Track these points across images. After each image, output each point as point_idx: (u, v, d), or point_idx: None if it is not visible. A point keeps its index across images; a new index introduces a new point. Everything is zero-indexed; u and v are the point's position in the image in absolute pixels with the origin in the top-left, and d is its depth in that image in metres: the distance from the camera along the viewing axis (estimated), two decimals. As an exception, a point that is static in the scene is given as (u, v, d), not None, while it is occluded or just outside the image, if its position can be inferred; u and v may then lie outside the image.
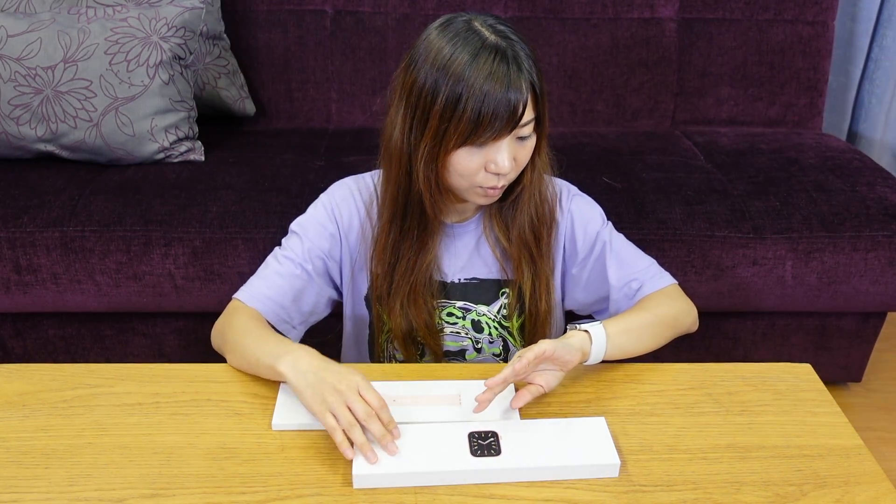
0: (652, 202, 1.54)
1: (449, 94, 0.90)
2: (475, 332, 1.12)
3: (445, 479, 0.80)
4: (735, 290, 1.53)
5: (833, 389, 1.58)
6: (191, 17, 1.64)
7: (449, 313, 1.12)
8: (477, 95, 0.89)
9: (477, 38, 0.91)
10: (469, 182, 0.97)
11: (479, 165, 0.95)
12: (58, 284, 1.49)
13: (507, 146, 0.94)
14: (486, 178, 0.96)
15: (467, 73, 0.89)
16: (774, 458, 0.85)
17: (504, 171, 0.94)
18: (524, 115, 0.92)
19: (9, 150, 1.64)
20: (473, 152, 0.94)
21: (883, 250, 1.51)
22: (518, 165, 0.98)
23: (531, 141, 0.97)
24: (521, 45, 0.93)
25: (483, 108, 0.89)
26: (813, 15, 1.92)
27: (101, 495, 0.78)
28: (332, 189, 1.11)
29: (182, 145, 1.66)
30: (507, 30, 0.94)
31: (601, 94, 1.95)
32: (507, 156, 0.94)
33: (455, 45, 0.91)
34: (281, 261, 1.07)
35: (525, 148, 0.97)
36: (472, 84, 0.89)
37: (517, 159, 0.96)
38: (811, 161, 1.72)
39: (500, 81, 0.89)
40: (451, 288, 1.11)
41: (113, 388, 0.93)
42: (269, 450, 0.84)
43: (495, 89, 0.89)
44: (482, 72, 0.89)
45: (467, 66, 0.90)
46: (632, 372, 0.99)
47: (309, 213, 1.10)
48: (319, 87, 1.93)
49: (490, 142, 0.93)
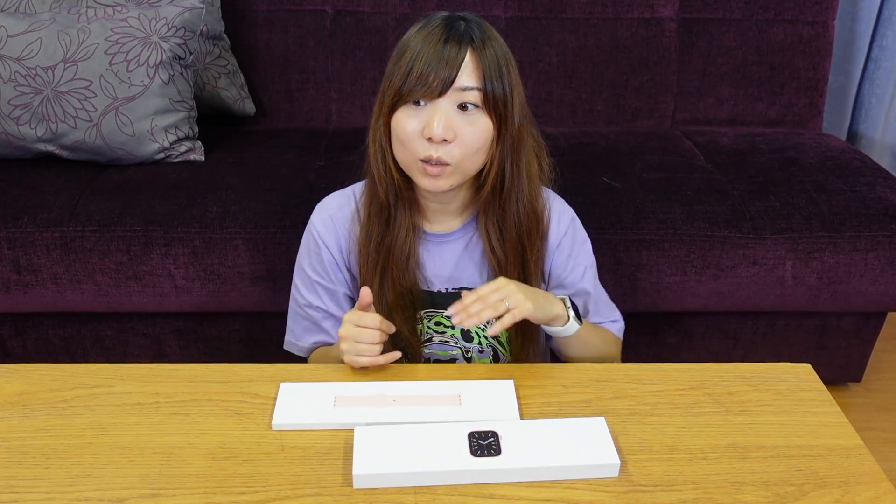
0: (652, 202, 1.54)
1: (396, 56, 0.96)
2: (465, 341, 1.12)
3: (445, 479, 0.80)
4: (735, 290, 1.53)
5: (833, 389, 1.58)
6: (191, 17, 1.64)
7: (437, 322, 1.11)
8: (413, 53, 0.93)
9: (434, 16, 0.97)
10: (410, 152, 0.96)
11: (417, 130, 0.95)
12: (58, 284, 1.49)
13: (444, 111, 0.93)
14: (424, 146, 0.95)
15: (412, 40, 0.95)
16: (774, 458, 0.85)
17: (436, 136, 0.93)
18: (459, 77, 0.92)
19: (9, 150, 1.64)
20: (411, 114, 0.95)
21: (883, 250, 1.51)
22: (462, 142, 0.95)
23: (481, 121, 0.95)
24: (483, 29, 0.96)
25: (415, 62, 0.93)
26: (813, 15, 1.92)
27: (101, 495, 0.78)
28: (312, 219, 1.12)
29: (182, 145, 1.66)
30: (475, 19, 0.97)
31: (601, 94, 1.94)
32: (442, 120, 0.93)
33: (414, 28, 0.97)
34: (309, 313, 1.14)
35: (472, 124, 0.95)
36: (412, 45, 0.94)
37: (459, 134, 0.95)
38: (811, 161, 1.72)
39: (436, 43, 0.93)
40: (438, 297, 1.10)
41: (113, 388, 0.93)
42: (269, 450, 0.84)
43: (429, 48, 0.93)
44: (424, 36, 0.94)
45: (414, 35, 0.96)
46: (632, 372, 0.99)
47: (302, 254, 1.13)
48: (319, 87, 1.93)
49: (426, 101, 0.93)
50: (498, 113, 0.96)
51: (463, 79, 0.93)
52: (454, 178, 0.98)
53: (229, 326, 1.63)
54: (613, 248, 1.49)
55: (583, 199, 1.54)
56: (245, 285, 1.50)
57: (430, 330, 1.12)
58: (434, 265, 1.10)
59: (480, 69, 0.93)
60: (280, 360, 1.01)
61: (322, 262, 1.10)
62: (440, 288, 1.10)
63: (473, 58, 0.93)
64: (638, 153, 1.77)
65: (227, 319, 1.62)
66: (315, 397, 0.91)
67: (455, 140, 0.95)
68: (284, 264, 1.47)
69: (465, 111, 0.95)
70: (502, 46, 0.97)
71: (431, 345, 1.12)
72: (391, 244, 1.06)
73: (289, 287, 1.49)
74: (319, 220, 1.11)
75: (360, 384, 0.94)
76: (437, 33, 0.94)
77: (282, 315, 1.60)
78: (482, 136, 0.96)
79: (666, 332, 1.68)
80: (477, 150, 0.97)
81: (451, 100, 0.94)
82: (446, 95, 0.93)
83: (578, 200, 1.52)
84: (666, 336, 1.68)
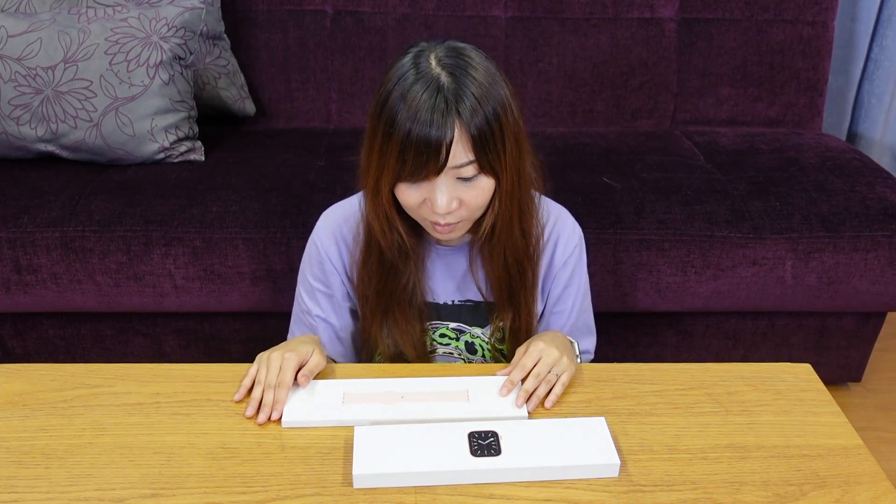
0: (652, 202, 1.54)
1: (383, 131, 0.89)
2: (469, 353, 1.12)
3: (445, 479, 0.80)
4: (735, 290, 1.53)
5: (833, 389, 1.58)
6: (191, 17, 1.64)
7: (442, 334, 1.11)
8: (402, 133, 0.87)
9: (415, 72, 0.89)
10: (417, 216, 0.96)
11: (419, 202, 0.93)
12: (58, 284, 1.49)
13: (444, 186, 0.90)
14: (430, 214, 0.94)
15: (397, 109, 0.87)
16: (774, 458, 0.85)
17: (440, 212, 0.91)
18: (452, 157, 0.88)
19: (9, 150, 1.64)
20: (412, 188, 0.92)
21: (883, 250, 1.51)
22: (468, 206, 0.93)
23: (482, 182, 0.92)
24: (473, 81, 0.88)
25: (405, 146, 0.87)
26: (813, 15, 1.92)
27: (101, 495, 0.78)
28: (316, 228, 1.11)
29: (182, 145, 1.66)
30: (463, 63, 0.89)
31: (601, 94, 1.95)
32: (444, 196, 0.90)
33: (395, 80, 0.89)
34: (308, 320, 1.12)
35: (474, 189, 0.92)
36: (399, 121, 0.87)
37: (464, 200, 0.92)
38: (811, 161, 1.72)
39: (422, 120, 0.86)
40: (444, 309, 1.10)
41: (113, 388, 0.93)
42: (269, 450, 0.84)
43: (417, 128, 0.86)
44: (410, 109, 0.86)
45: (398, 101, 0.88)
46: (632, 372, 0.99)
47: (304, 261, 1.12)
48: (319, 87, 1.93)
49: (423, 180, 0.90)
50: (496, 170, 0.93)
51: (457, 157, 0.88)
52: (465, 227, 0.98)
53: (229, 326, 1.63)
54: (613, 248, 1.49)
55: (583, 199, 1.54)
56: (245, 285, 1.50)
57: (434, 342, 1.11)
58: (441, 277, 1.09)
59: (471, 141, 0.88)
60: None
61: (324, 272, 1.09)
62: (446, 300, 1.10)
63: (462, 132, 0.88)
64: (638, 153, 1.77)
65: (227, 319, 1.62)
66: (323, 394, 0.91)
67: (461, 206, 0.93)
68: (284, 264, 1.48)
69: (465, 181, 0.92)
70: (484, 79, 0.90)
71: (436, 356, 1.12)
72: (393, 290, 1.05)
73: (289, 287, 1.50)
74: (323, 231, 1.09)
75: (367, 381, 0.94)
76: (422, 109, 0.86)
77: (282, 315, 1.60)
78: (486, 195, 0.94)
79: (666, 332, 1.68)
80: (483, 205, 0.96)
81: (449, 176, 0.90)
82: (443, 174, 0.90)
83: (578, 200, 1.53)
84: (666, 336, 1.68)
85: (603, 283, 1.51)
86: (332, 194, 1.17)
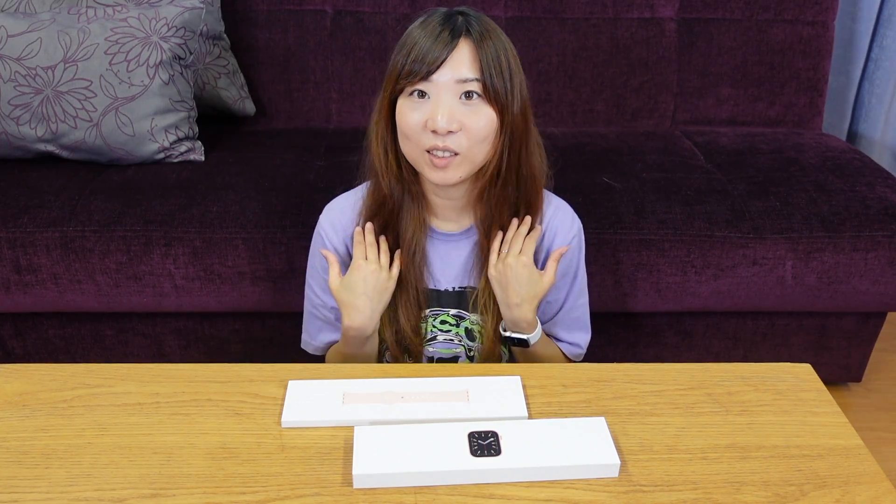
0: (652, 202, 1.54)
1: (394, 55, 0.97)
2: (468, 339, 1.12)
3: (445, 479, 0.80)
4: (735, 290, 1.53)
5: (833, 389, 1.58)
6: (191, 17, 1.64)
7: (442, 321, 1.11)
8: (411, 42, 0.95)
9: (434, 11, 0.98)
10: (416, 144, 0.97)
11: (421, 123, 0.95)
12: (58, 284, 1.49)
13: (447, 103, 0.94)
14: (430, 137, 0.95)
15: (412, 33, 0.96)
16: (774, 458, 0.85)
17: (441, 126, 0.93)
18: (457, 64, 0.93)
19: (9, 150, 1.64)
20: (413, 107, 0.95)
21: (883, 250, 1.51)
22: (469, 132, 0.96)
23: (484, 110, 0.96)
24: (482, 23, 0.96)
25: (414, 50, 0.94)
26: (813, 15, 1.92)
27: (101, 495, 0.78)
28: (320, 220, 1.13)
29: (182, 145, 1.66)
30: (475, 14, 0.98)
31: (601, 94, 1.95)
32: (445, 112, 0.94)
33: (416, 21, 0.98)
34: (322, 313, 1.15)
35: (475, 114, 0.95)
36: (412, 37, 0.95)
37: (465, 124, 0.95)
38: (811, 161, 1.72)
39: (433, 31, 0.94)
40: (444, 296, 1.11)
41: (113, 388, 0.93)
42: (269, 450, 0.84)
43: (427, 36, 0.94)
44: (423, 28, 0.95)
45: (415, 27, 0.97)
46: (632, 372, 0.99)
47: (312, 252, 1.14)
48: (319, 87, 1.93)
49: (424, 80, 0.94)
50: (500, 103, 0.96)
51: (463, 70, 0.93)
52: (462, 168, 0.98)
53: (229, 326, 1.63)
54: (613, 248, 1.49)
55: (583, 199, 1.54)
56: (245, 285, 1.50)
57: (434, 328, 1.12)
58: (441, 263, 1.10)
59: (479, 61, 0.94)
60: (280, 360, 1.01)
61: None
62: (446, 287, 1.10)
63: (472, 50, 0.94)
64: (638, 153, 1.77)
65: (227, 319, 1.62)
66: (323, 395, 0.91)
67: (461, 130, 0.95)
68: (284, 264, 1.47)
69: (468, 101, 0.95)
70: (503, 40, 0.97)
71: (435, 343, 1.12)
72: (397, 238, 1.06)
73: (289, 287, 1.50)
74: (327, 221, 1.11)
75: (368, 381, 0.94)
76: (435, 25, 0.95)
77: (282, 315, 1.60)
78: (487, 126, 0.96)
79: (666, 332, 1.68)
80: (483, 139, 0.97)
81: (453, 92, 0.94)
82: (448, 87, 0.94)
83: (578, 200, 1.53)
84: (666, 336, 1.68)
85: (603, 283, 1.51)
86: (332, 194, 1.17)
